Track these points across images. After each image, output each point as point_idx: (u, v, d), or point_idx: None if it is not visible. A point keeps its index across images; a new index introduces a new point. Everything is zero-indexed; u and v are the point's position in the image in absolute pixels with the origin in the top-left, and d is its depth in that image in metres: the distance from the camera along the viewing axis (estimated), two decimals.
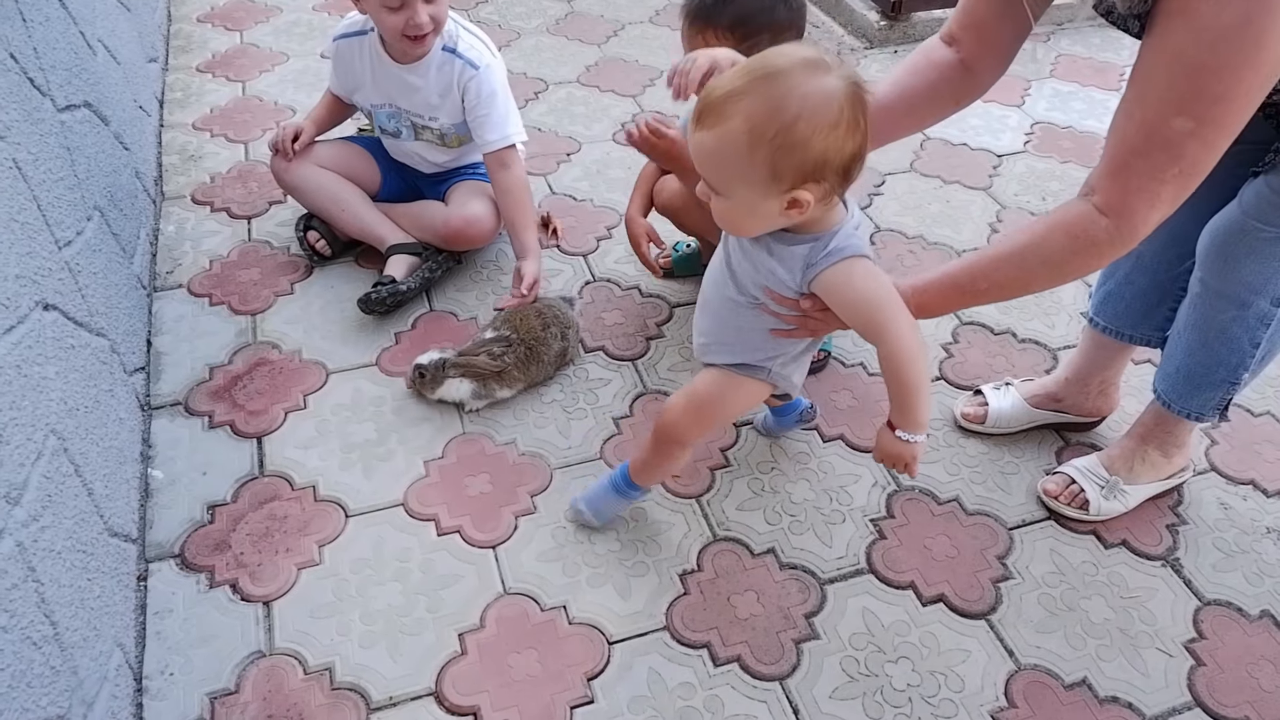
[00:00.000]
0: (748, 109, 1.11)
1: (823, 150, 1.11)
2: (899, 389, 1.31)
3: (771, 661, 1.50)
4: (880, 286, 1.26)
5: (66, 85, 1.84)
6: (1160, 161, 1.11)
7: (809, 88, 1.10)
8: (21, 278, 1.33)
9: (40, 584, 1.16)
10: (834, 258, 1.23)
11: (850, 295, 1.26)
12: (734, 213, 1.22)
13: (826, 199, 1.18)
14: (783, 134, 1.10)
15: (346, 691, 1.44)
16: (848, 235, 1.24)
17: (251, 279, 2.23)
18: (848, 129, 1.12)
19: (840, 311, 1.28)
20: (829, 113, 1.10)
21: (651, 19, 3.53)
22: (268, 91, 2.98)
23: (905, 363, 1.27)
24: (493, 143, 2.07)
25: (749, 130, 1.11)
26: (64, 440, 1.35)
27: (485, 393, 1.89)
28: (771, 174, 1.13)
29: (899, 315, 1.26)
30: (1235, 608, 1.60)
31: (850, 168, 1.16)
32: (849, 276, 1.25)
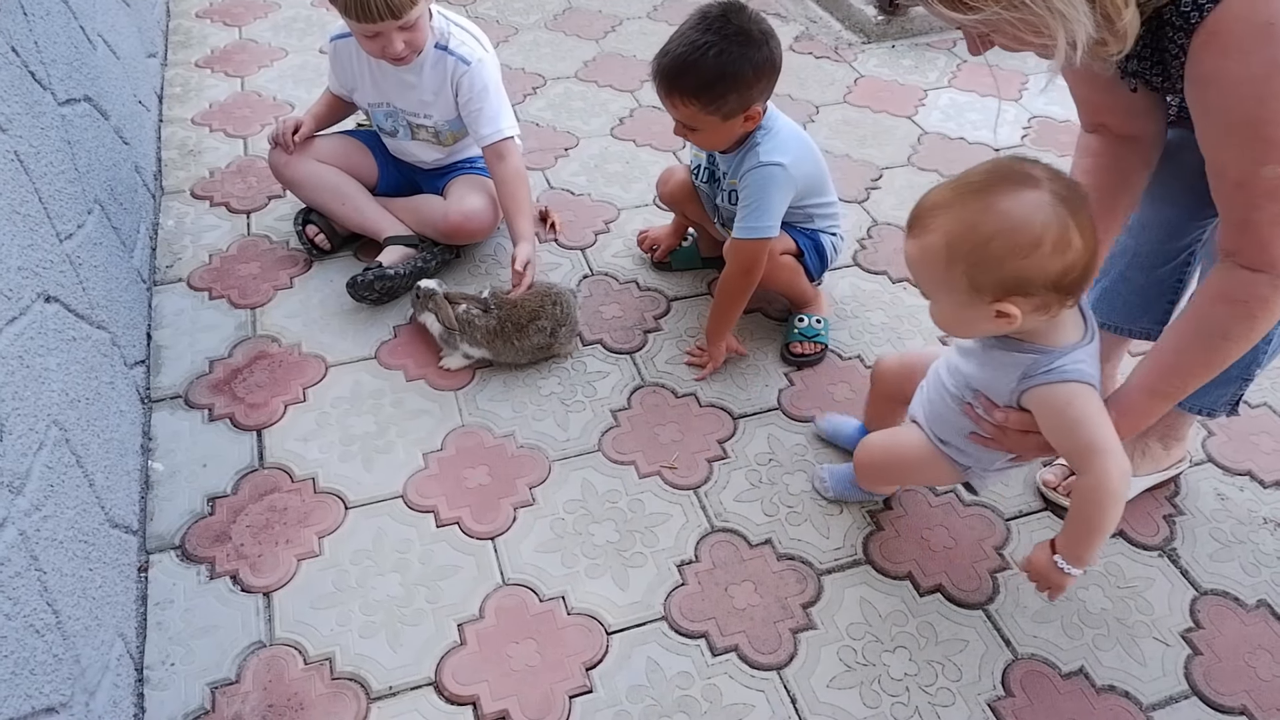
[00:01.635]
0: (947, 224, 1.13)
1: (1020, 268, 1.10)
2: (1083, 525, 1.27)
3: (769, 651, 1.51)
4: (1098, 419, 1.22)
5: (67, 79, 1.84)
6: (1276, 209, 1.09)
7: (1008, 205, 1.10)
8: (23, 269, 1.34)
9: (43, 573, 1.16)
10: (1054, 376, 1.21)
11: (1063, 420, 1.23)
12: (942, 315, 1.24)
13: (1042, 311, 1.16)
14: (977, 251, 1.11)
15: (347, 681, 1.45)
16: (1076, 360, 1.21)
17: (251, 273, 2.23)
18: (1054, 250, 1.09)
19: (1049, 432, 1.25)
20: (1028, 232, 1.09)
21: (650, 14, 3.53)
22: (267, 87, 2.98)
23: (1102, 504, 1.23)
24: (487, 136, 2.08)
25: (946, 245, 1.13)
26: (66, 431, 1.36)
27: (449, 339, 1.96)
28: (971, 287, 1.14)
29: (1113, 454, 1.21)
30: (1232, 597, 1.61)
31: (1062, 282, 1.12)
32: (1068, 400, 1.22)
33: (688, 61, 1.71)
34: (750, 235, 1.85)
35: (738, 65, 1.70)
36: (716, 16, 1.72)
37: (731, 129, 1.80)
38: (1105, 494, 1.23)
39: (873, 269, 2.30)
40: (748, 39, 1.70)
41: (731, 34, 1.69)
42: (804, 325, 2.06)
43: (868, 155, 2.72)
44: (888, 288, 2.25)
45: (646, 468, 1.80)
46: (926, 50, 3.29)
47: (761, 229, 1.84)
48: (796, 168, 1.85)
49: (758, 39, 1.71)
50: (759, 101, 1.77)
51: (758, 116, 1.80)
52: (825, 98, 3.00)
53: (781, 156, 1.82)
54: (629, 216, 2.47)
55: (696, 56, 1.69)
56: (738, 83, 1.71)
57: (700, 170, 2.04)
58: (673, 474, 1.78)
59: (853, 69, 3.17)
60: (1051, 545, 1.32)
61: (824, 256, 2.06)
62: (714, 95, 1.72)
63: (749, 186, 1.85)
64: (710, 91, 1.72)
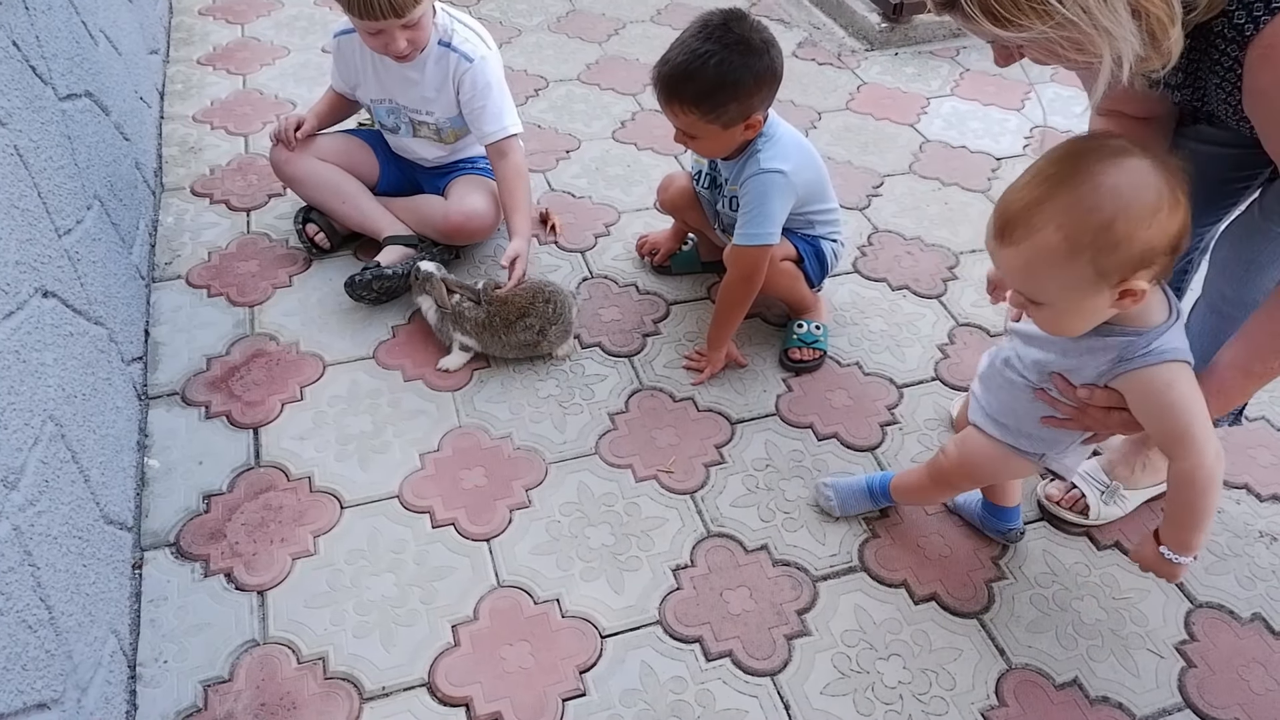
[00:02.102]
0: (1058, 218, 1.06)
1: (1148, 240, 1.05)
2: (1184, 511, 1.25)
3: (763, 657, 1.51)
4: (1196, 401, 1.18)
5: (68, 74, 1.84)
6: None
7: (1115, 180, 1.04)
8: (21, 264, 1.34)
9: (36, 568, 1.16)
10: (1154, 358, 1.16)
11: (1163, 402, 1.19)
12: (1057, 318, 1.18)
13: (1159, 278, 1.12)
14: (1102, 235, 1.05)
15: (340, 681, 1.45)
16: (1176, 336, 1.17)
17: (250, 271, 2.23)
18: (1170, 210, 1.05)
19: (1143, 415, 1.22)
20: (1146, 201, 1.04)
21: (653, 18, 3.53)
22: (268, 85, 2.98)
23: (1201, 489, 1.21)
24: (490, 134, 2.09)
25: (1065, 239, 1.06)
26: (61, 427, 1.36)
27: (443, 326, 2.00)
28: (1097, 274, 1.08)
29: (1209, 438, 1.18)
30: (1227, 610, 1.61)
31: (1179, 241, 1.08)
32: (1170, 382, 1.17)
33: (688, 70, 1.70)
34: (751, 242, 1.85)
35: (738, 74, 1.70)
36: (718, 25, 1.71)
37: (732, 137, 1.80)
38: (1202, 481, 1.20)
39: (873, 276, 2.30)
40: (748, 48, 1.70)
41: (732, 43, 1.69)
42: (803, 331, 2.06)
43: (869, 162, 2.72)
44: (887, 295, 2.25)
45: (643, 471, 1.80)
46: (930, 58, 3.29)
47: (762, 236, 1.84)
48: (797, 175, 1.85)
49: (758, 48, 1.71)
50: (760, 110, 1.77)
51: (758, 125, 1.79)
52: (828, 104, 3.01)
53: (782, 164, 1.82)
54: (629, 220, 2.47)
55: (697, 65, 1.69)
56: (738, 92, 1.71)
57: (702, 176, 2.04)
58: (669, 478, 1.78)
59: (855, 76, 3.17)
60: (1156, 536, 1.30)
61: (824, 263, 2.06)
62: (714, 104, 1.72)
63: (749, 193, 1.85)
64: (710, 100, 1.72)
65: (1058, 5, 0.99)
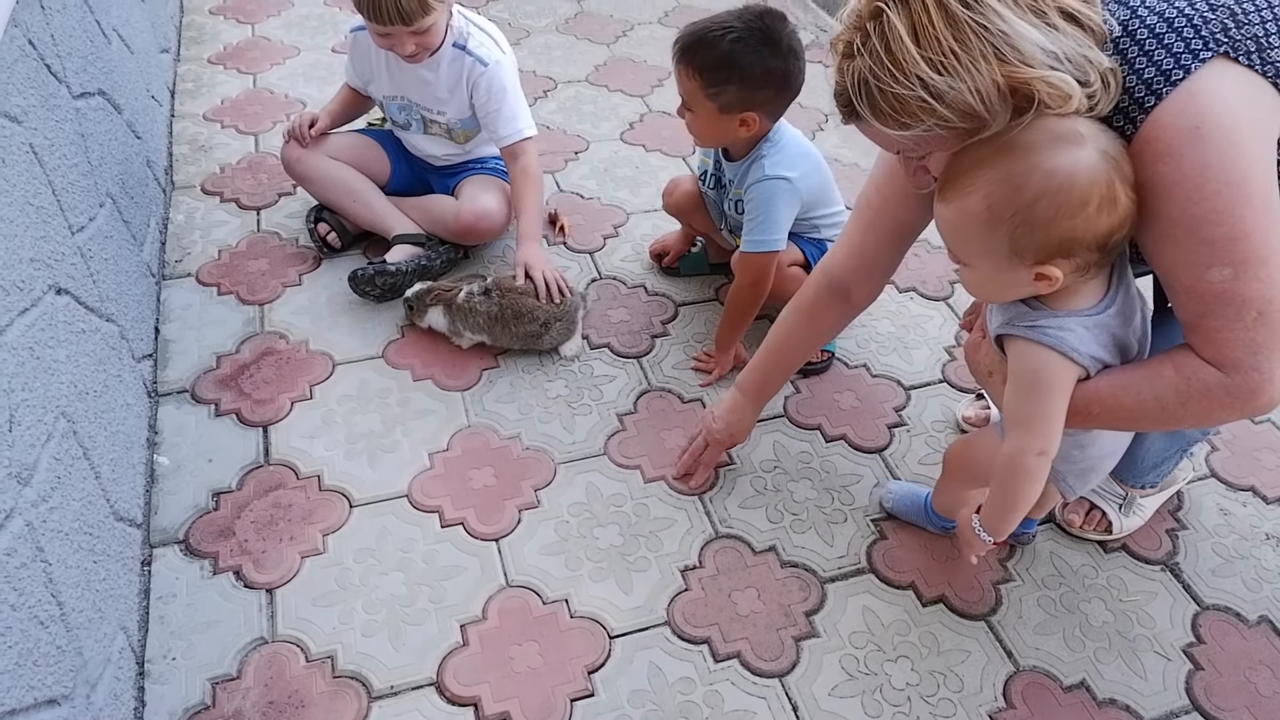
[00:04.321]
0: (988, 186, 1.08)
1: (1068, 229, 1.06)
2: (997, 491, 1.30)
3: (771, 658, 1.51)
4: (1053, 396, 1.18)
5: (82, 73, 1.85)
6: (1228, 314, 1.07)
7: (1054, 164, 1.04)
8: (36, 261, 1.34)
9: (48, 564, 1.17)
10: (1033, 334, 1.17)
11: (1023, 379, 1.20)
12: (977, 281, 1.20)
13: (1081, 272, 1.12)
14: (1022, 213, 1.06)
15: (348, 679, 1.45)
16: (1063, 325, 1.16)
17: (260, 269, 2.24)
18: (1100, 206, 1.05)
19: (1008, 384, 1.23)
20: (1075, 192, 1.04)
21: (660, 19, 3.54)
22: (278, 84, 2.99)
23: (1014, 475, 1.24)
24: (505, 137, 2.10)
25: (988, 208, 1.08)
26: (73, 423, 1.36)
27: (454, 328, 2.01)
28: (1012, 250, 1.09)
29: (1044, 436, 1.20)
30: (1234, 613, 1.61)
31: (1107, 242, 1.08)
32: (1038, 367, 1.18)
33: (705, 37, 1.71)
34: (757, 248, 1.85)
35: (748, 60, 1.70)
36: (755, 13, 1.73)
37: (725, 126, 1.79)
38: (1022, 468, 1.23)
39: None
40: (770, 41, 1.71)
41: (757, 29, 1.70)
42: None
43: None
44: (894, 296, 2.25)
45: (652, 472, 1.80)
46: None
47: (768, 242, 1.85)
48: (802, 182, 1.85)
49: (782, 49, 1.72)
50: (761, 110, 1.76)
51: (754, 124, 1.79)
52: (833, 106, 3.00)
53: (788, 170, 1.82)
54: (638, 221, 2.47)
55: (715, 36, 1.70)
56: (742, 78, 1.71)
57: (707, 177, 2.04)
58: (677, 480, 1.79)
59: None
60: (978, 511, 1.36)
61: None
62: (715, 79, 1.72)
63: (754, 199, 1.85)
64: (713, 74, 1.72)
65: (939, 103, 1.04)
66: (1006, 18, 1.01)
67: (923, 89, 1.04)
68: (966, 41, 1.02)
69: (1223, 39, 1.03)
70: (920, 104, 1.05)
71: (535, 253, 2.05)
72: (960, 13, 1.01)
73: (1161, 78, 1.04)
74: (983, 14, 1.01)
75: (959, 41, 1.02)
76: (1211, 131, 1.02)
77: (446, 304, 1.99)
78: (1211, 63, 1.03)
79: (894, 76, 1.06)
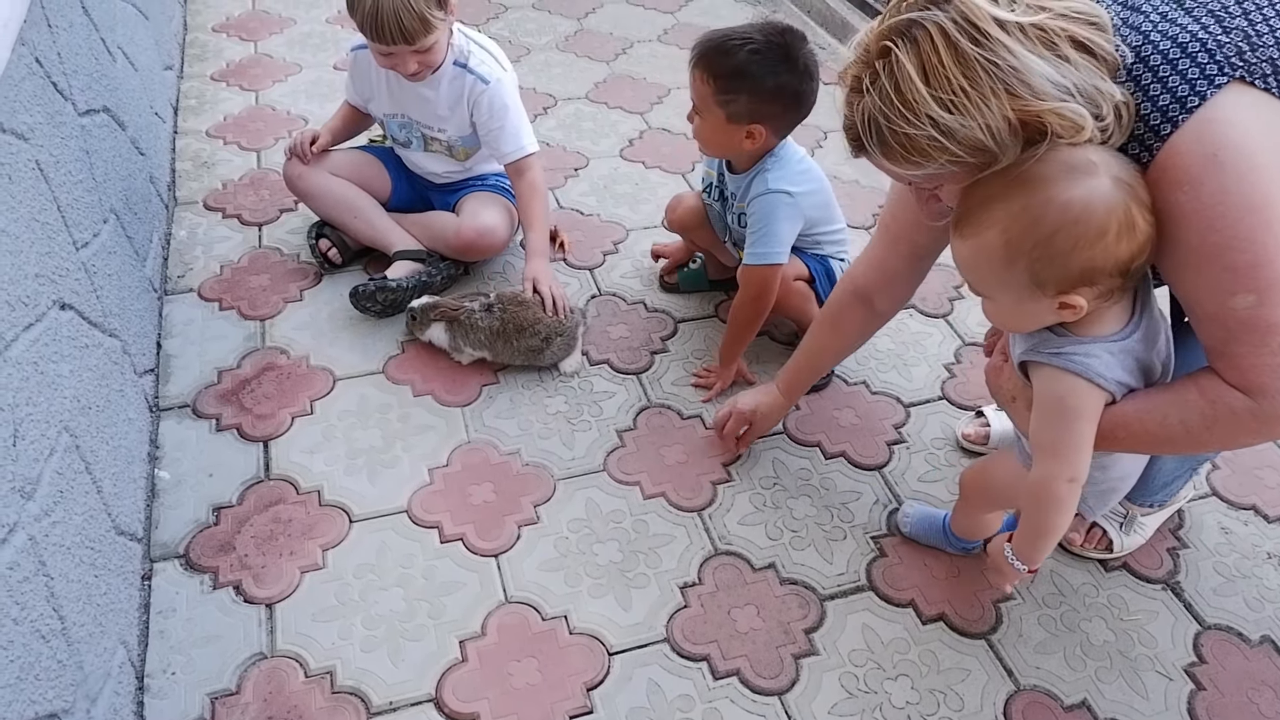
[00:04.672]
0: (1003, 221, 1.08)
1: (1088, 259, 1.05)
2: (1028, 519, 1.29)
3: (771, 676, 1.51)
4: (1080, 422, 1.17)
5: (87, 90, 1.86)
6: (1253, 340, 1.07)
7: (1069, 196, 1.04)
8: (41, 276, 1.35)
9: (50, 578, 1.17)
10: (1058, 360, 1.16)
11: (1049, 406, 1.19)
12: (999, 312, 1.20)
13: (1105, 298, 1.11)
14: (1041, 247, 1.06)
15: (347, 695, 1.45)
16: (1089, 352, 1.15)
17: (261, 285, 2.24)
18: (1119, 233, 1.04)
19: (1034, 410, 1.22)
20: (1093, 222, 1.04)
21: (660, 37, 3.56)
22: (280, 101, 3.01)
23: (1044, 504, 1.23)
24: (508, 154, 2.12)
25: (1005, 243, 1.08)
26: (76, 438, 1.37)
27: (455, 344, 2.02)
28: (1033, 282, 1.09)
29: (1073, 464, 1.19)
30: (1236, 632, 1.61)
31: (1128, 268, 1.08)
32: (1064, 394, 1.17)
33: (724, 45, 1.73)
34: (760, 261, 1.86)
35: (762, 73, 1.72)
36: (777, 29, 1.76)
37: (731, 136, 1.81)
38: (1051, 496, 1.21)
39: None
40: (788, 58, 1.73)
41: (776, 45, 1.73)
42: None
43: (876, 182, 2.74)
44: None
45: (651, 488, 1.80)
46: None
47: (771, 255, 1.86)
48: (804, 199, 1.86)
49: (799, 67, 1.74)
50: (768, 124, 1.78)
51: (759, 138, 1.80)
52: (834, 123, 3.00)
53: (790, 185, 1.84)
54: (637, 238, 2.48)
55: (735, 44, 1.72)
56: (754, 89, 1.73)
57: (711, 189, 2.05)
58: (677, 495, 1.79)
59: None
60: (1011, 535, 1.34)
61: (834, 282, 2.06)
62: (728, 87, 1.74)
63: (756, 213, 1.86)
64: (726, 82, 1.74)
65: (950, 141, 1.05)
66: (1016, 52, 1.01)
67: (933, 128, 1.05)
68: (976, 79, 1.02)
69: (1238, 63, 1.03)
70: (931, 142, 1.06)
71: (542, 268, 2.06)
72: (970, 50, 1.02)
73: (1177, 105, 1.04)
74: (992, 50, 1.01)
75: (969, 79, 1.03)
76: (1230, 158, 1.02)
77: (449, 320, 2.00)
78: (1227, 88, 1.03)
79: (904, 117, 1.07)
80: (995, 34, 1.02)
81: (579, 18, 3.67)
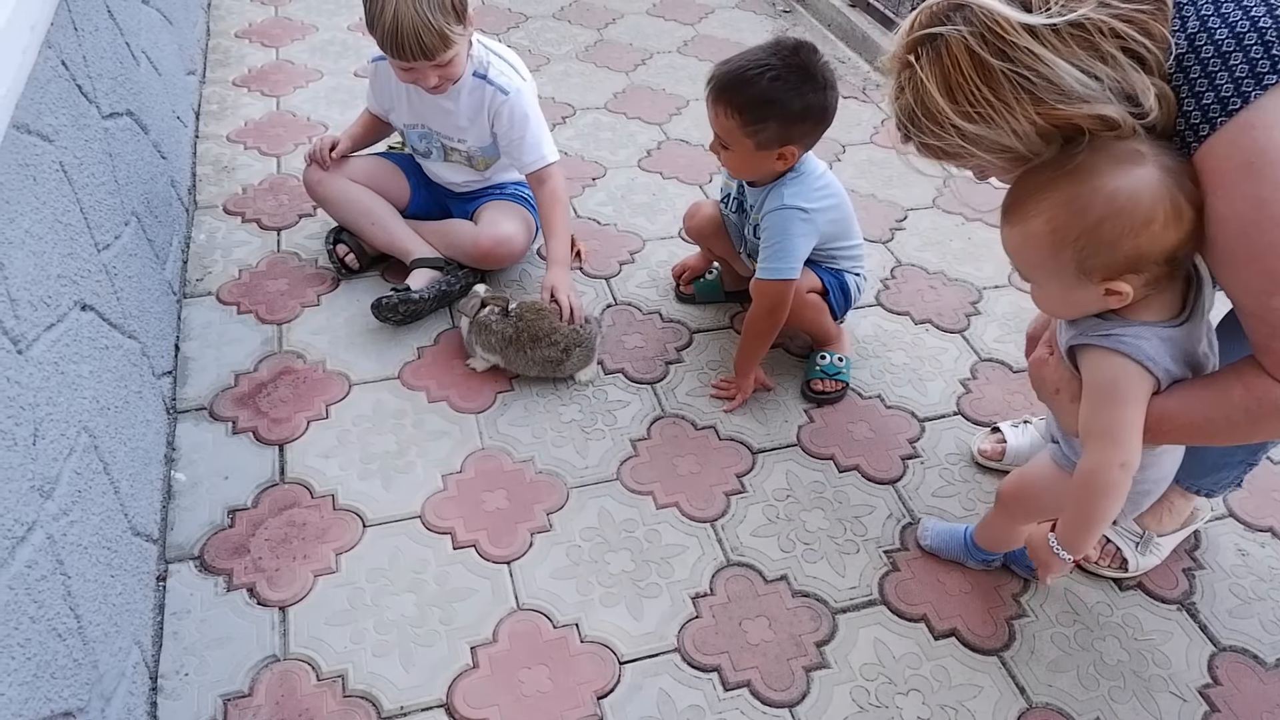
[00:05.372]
0: (1050, 210, 1.09)
1: (1134, 247, 1.07)
2: (1075, 507, 1.28)
3: (782, 688, 1.50)
4: (1131, 407, 1.17)
5: (111, 94, 1.88)
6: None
7: (1116, 185, 1.05)
8: (63, 278, 1.36)
9: (67, 577, 1.18)
10: (1108, 342, 1.16)
11: (1099, 390, 1.19)
12: (1047, 299, 1.22)
13: (1152, 286, 1.13)
14: (1087, 235, 1.07)
15: (358, 699, 1.45)
16: (1138, 334, 1.15)
17: (279, 289, 2.26)
18: (1165, 222, 1.05)
19: (1084, 395, 1.22)
20: (1139, 212, 1.05)
21: (679, 49, 3.57)
22: (301, 107, 3.03)
23: (1095, 491, 1.22)
24: (529, 164, 2.14)
25: (1052, 231, 1.09)
26: (95, 438, 1.38)
27: (469, 343, 2.05)
28: (1080, 270, 1.11)
29: (1125, 447, 1.18)
30: (1251, 655, 1.60)
31: (1175, 256, 1.09)
32: (1114, 378, 1.17)
33: (743, 75, 1.73)
34: (773, 276, 1.86)
35: (788, 97, 1.71)
36: (789, 47, 1.74)
37: (763, 161, 1.81)
38: (1103, 482, 1.21)
39: (895, 309, 2.31)
40: (808, 76, 1.72)
41: (795, 65, 1.72)
42: (825, 363, 2.06)
43: (893, 196, 2.74)
44: (910, 328, 2.25)
45: (664, 498, 1.80)
46: None
47: (784, 270, 1.86)
48: (820, 215, 1.86)
49: (819, 81, 1.73)
50: (798, 143, 1.78)
51: (792, 158, 1.80)
52: (852, 137, 3.03)
53: (805, 201, 1.84)
54: (654, 248, 2.49)
55: (754, 74, 1.71)
56: (782, 114, 1.73)
57: (729, 200, 2.06)
58: (690, 505, 1.79)
59: (880, 110, 3.19)
60: (1054, 524, 1.34)
61: (848, 295, 2.06)
62: (755, 118, 1.74)
63: (770, 227, 1.86)
64: (753, 113, 1.73)
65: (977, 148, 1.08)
66: (1044, 58, 1.01)
67: (959, 137, 1.06)
68: (1000, 89, 1.03)
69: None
70: (960, 149, 1.08)
71: (562, 277, 2.06)
72: (992, 62, 1.02)
73: (1218, 106, 1.02)
74: (1017, 59, 1.01)
75: (992, 89, 1.03)
76: (1266, 168, 1.00)
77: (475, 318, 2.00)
78: (1274, 89, 0.99)
79: (929, 130, 1.09)
80: (1022, 42, 1.02)
81: (599, 28, 3.69)
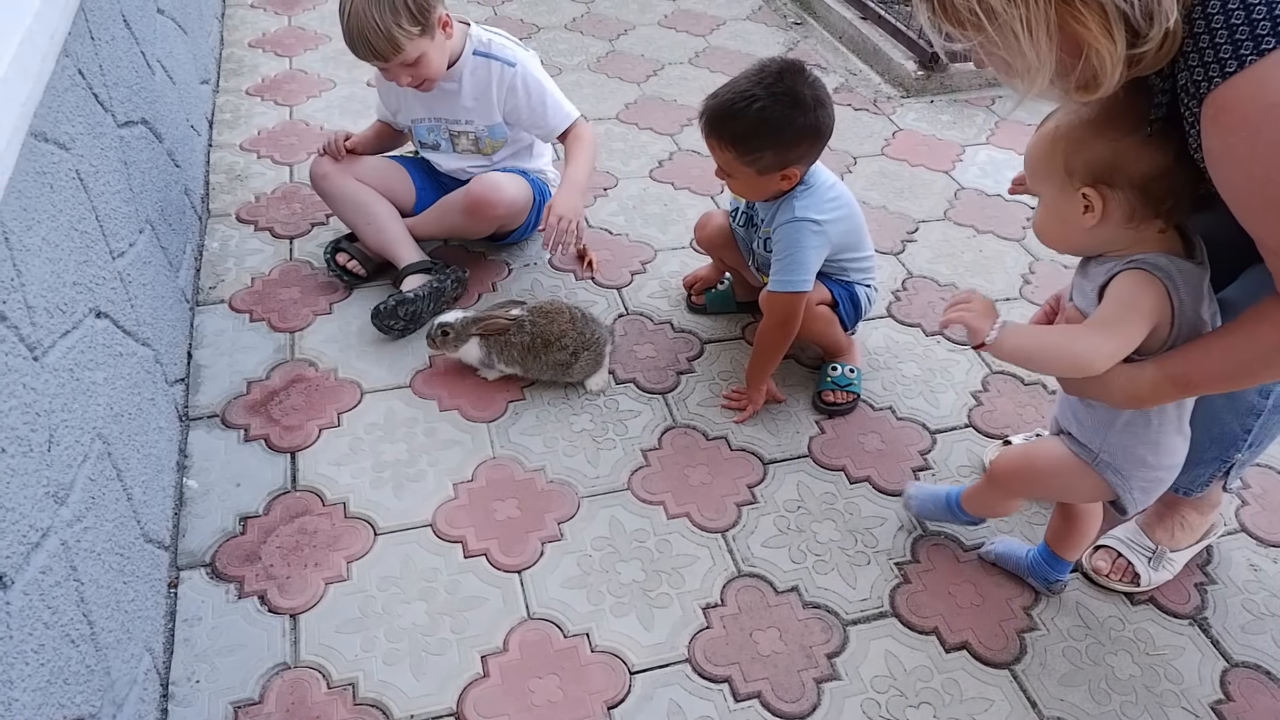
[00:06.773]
0: (1059, 116, 1.25)
1: (1115, 152, 1.18)
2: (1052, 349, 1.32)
3: (792, 700, 1.50)
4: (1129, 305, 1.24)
5: (127, 102, 1.89)
6: None
7: (1120, 108, 1.17)
8: (79, 285, 1.37)
9: (80, 583, 1.18)
10: (1136, 264, 1.24)
11: (1117, 296, 1.26)
12: (1042, 216, 1.31)
13: (1127, 220, 1.22)
14: (1076, 130, 1.21)
15: (369, 707, 1.45)
16: (1160, 259, 1.23)
17: (291, 297, 2.27)
18: (1146, 145, 1.17)
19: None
20: (1126, 122, 1.17)
21: (691, 60, 3.58)
22: (314, 116, 3.05)
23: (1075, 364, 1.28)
24: (558, 126, 2.21)
25: (1054, 128, 1.25)
26: (109, 445, 1.39)
27: (488, 360, 2.03)
28: (1066, 170, 1.22)
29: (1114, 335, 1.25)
30: (1264, 671, 1.58)
31: (1150, 187, 1.19)
32: (1119, 281, 1.25)
33: (731, 110, 1.74)
34: (784, 289, 1.86)
35: (779, 125, 1.72)
36: (773, 73, 1.74)
37: (767, 184, 1.82)
38: (1083, 364, 1.27)
39: (907, 321, 2.31)
40: (796, 101, 1.72)
41: (781, 93, 1.72)
42: (837, 374, 2.06)
43: (904, 208, 2.74)
44: (921, 340, 2.25)
45: (675, 508, 1.80)
46: (965, 106, 3.31)
47: (795, 283, 1.86)
48: (832, 226, 1.86)
49: (807, 104, 1.73)
50: (799, 164, 1.79)
51: (795, 177, 1.81)
52: (863, 149, 3.03)
53: (817, 214, 1.84)
54: (665, 258, 2.49)
55: (741, 107, 1.72)
56: (776, 141, 1.74)
57: (739, 214, 2.06)
58: (701, 516, 1.78)
59: (891, 122, 3.20)
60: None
61: (859, 307, 2.06)
62: (750, 148, 1.75)
63: (782, 240, 1.86)
64: (747, 144, 1.75)
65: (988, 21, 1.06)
66: None
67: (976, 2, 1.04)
68: None
69: None
70: (970, 14, 1.05)
71: (565, 197, 2.11)
72: None
73: (1251, 43, 0.99)
74: None
75: None
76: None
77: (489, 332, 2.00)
78: None
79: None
80: None
81: (611, 39, 3.70)
